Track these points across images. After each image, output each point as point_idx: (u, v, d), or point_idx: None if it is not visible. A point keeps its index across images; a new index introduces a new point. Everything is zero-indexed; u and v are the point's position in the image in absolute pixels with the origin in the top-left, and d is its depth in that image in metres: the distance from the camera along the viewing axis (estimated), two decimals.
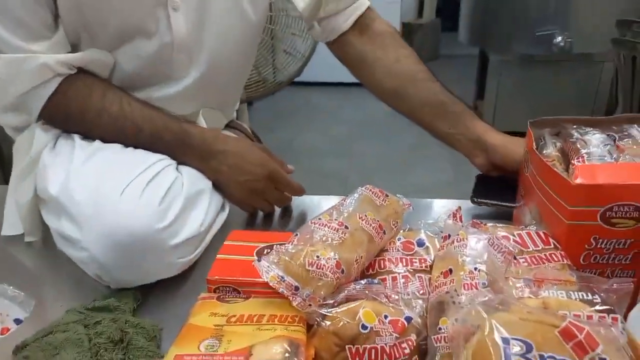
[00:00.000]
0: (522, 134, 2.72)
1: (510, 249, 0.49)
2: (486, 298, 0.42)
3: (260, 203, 0.78)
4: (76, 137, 0.72)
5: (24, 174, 0.73)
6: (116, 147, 0.71)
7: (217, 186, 0.75)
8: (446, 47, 4.54)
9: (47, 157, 0.70)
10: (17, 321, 0.55)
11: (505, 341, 0.38)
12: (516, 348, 0.37)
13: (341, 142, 2.97)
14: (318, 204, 0.86)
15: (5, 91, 0.68)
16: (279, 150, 1.05)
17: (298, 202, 0.86)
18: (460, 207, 0.57)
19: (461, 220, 0.56)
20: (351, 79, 0.90)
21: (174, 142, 0.72)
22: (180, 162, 0.73)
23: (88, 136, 0.72)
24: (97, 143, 0.71)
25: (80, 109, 0.71)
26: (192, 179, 0.70)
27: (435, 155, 2.79)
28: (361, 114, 3.38)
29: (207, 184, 0.73)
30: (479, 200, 0.79)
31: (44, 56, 0.67)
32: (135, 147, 0.72)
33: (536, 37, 2.59)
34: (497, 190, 0.79)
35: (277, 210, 0.83)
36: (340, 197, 0.85)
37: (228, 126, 0.96)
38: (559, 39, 2.52)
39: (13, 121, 0.75)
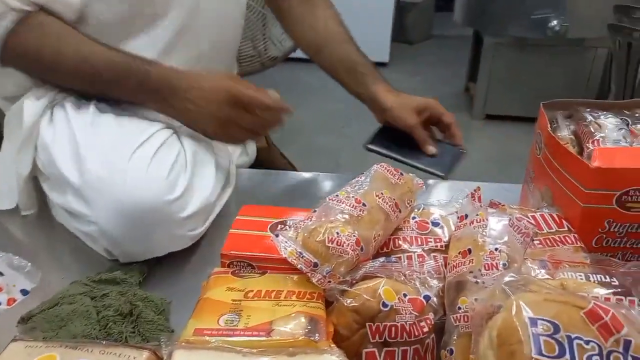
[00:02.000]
0: (514, 118, 2.74)
1: (530, 230, 0.49)
2: (511, 278, 0.42)
3: (238, 132, 0.71)
4: (68, 107, 0.69)
5: (21, 147, 0.70)
6: (112, 116, 0.68)
7: (191, 126, 0.71)
8: (439, 27, 4.50)
9: (46, 133, 0.68)
10: (24, 292, 0.54)
11: (533, 321, 0.38)
12: (543, 328, 0.38)
13: (334, 121, 2.95)
14: (314, 180, 0.86)
15: None
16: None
17: (296, 179, 0.86)
18: (479, 187, 0.57)
19: (480, 201, 0.56)
20: None
21: (136, 88, 0.68)
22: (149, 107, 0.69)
23: (49, 82, 0.70)
24: (92, 109, 0.68)
25: (36, 51, 0.66)
26: (195, 150, 0.69)
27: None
28: None
29: (210, 153, 0.72)
30: (370, 147, 0.85)
31: None
32: (96, 94, 0.69)
33: (531, 20, 2.58)
34: (395, 143, 0.86)
35: (276, 185, 0.83)
36: (332, 174, 0.87)
37: None
38: (555, 22, 2.51)
39: None
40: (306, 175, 0.88)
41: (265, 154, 0.98)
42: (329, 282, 0.47)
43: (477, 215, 0.52)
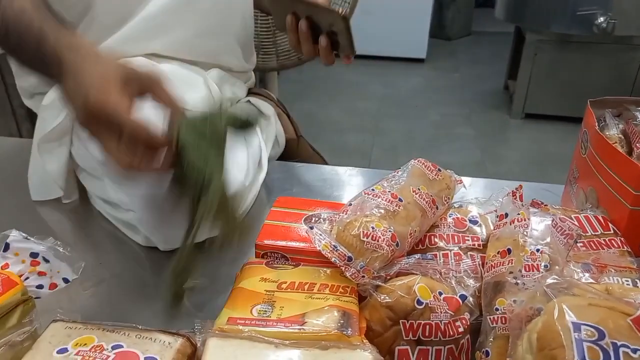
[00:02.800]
0: (554, 117, 2.65)
1: (574, 232, 0.47)
2: (554, 281, 0.40)
3: (113, 150, 0.51)
4: None
5: (56, 139, 0.71)
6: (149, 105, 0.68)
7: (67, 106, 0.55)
8: (479, 23, 4.41)
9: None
10: (65, 280, 0.55)
11: (576, 326, 0.36)
12: (587, 334, 0.36)
13: (366, 117, 2.93)
14: (347, 174, 0.85)
15: None
16: (303, 123, 1.03)
17: (328, 172, 0.86)
18: (521, 186, 0.55)
19: (521, 200, 0.54)
20: (379, 52, 0.88)
21: (35, 57, 0.55)
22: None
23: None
24: None
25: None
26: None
27: (461, 134, 2.75)
28: (387, 89, 3.33)
29: (242, 139, 0.71)
30: None
31: None
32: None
33: (576, 17, 2.49)
34: None
35: (308, 177, 0.83)
36: (365, 169, 0.86)
37: (251, 92, 0.94)
38: (601, 19, 2.42)
39: None
40: (339, 169, 0.87)
41: (294, 146, 0.98)
42: (363, 276, 0.47)
43: (518, 214, 0.50)
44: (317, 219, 0.56)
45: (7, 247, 0.54)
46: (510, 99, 2.95)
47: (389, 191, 0.53)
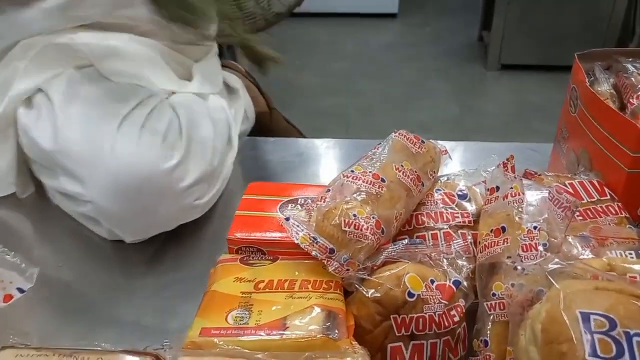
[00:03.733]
0: (531, 67, 2.60)
1: (572, 204, 0.43)
2: (557, 266, 0.36)
3: None
4: (54, 93, 0.63)
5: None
6: (92, 86, 0.62)
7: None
8: None
9: (24, 117, 0.62)
10: (20, 290, 0.50)
11: (585, 316, 0.33)
12: (597, 324, 0.33)
13: (339, 79, 2.85)
14: (325, 147, 0.80)
15: None
16: (274, 89, 0.96)
17: (305, 147, 0.81)
18: (512, 156, 0.51)
19: (513, 171, 0.50)
20: (348, 9, 0.81)
21: None
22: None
23: None
24: (66, 80, 0.62)
25: None
26: (189, 114, 0.64)
27: (438, 90, 2.70)
28: (359, 48, 3.23)
29: (206, 117, 0.66)
30: None
31: None
32: None
33: None
34: None
35: (282, 154, 0.77)
36: (344, 139, 0.81)
37: (222, 66, 0.87)
38: None
39: None
40: (315, 141, 0.82)
41: (267, 119, 0.92)
42: (347, 270, 0.42)
43: (511, 188, 0.46)
44: (294, 205, 0.52)
45: None
46: (485, 50, 2.89)
47: (370, 171, 0.48)
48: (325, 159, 0.79)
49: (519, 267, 0.39)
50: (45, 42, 0.64)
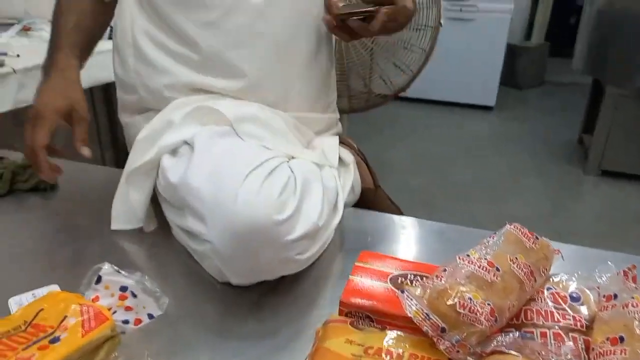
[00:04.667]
0: (632, 176, 2.49)
1: None
2: None
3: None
4: (196, 142, 0.71)
5: (144, 172, 0.75)
6: (229, 142, 0.70)
7: None
8: (553, 73, 4.30)
9: (167, 161, 0.72)
10: (150, 316, 0.56)
11: None
12: None
13: (431, 161, 2.89)
14: (429, 230, 0.82)
15: None
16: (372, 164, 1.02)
17: (404, 225, 0.83)
18: (634, 266, 0.50)
19: (634, 282, 0.49)
20: (448, 97, 0.85)
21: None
22: None
23: None
24: (207, 134, 0.71)
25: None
26: (304, 176, 0.69)
27: (530, 184, 2.64)
28: (453, 134, 3.28)
29: (319, 181, 0.72)
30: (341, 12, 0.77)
31: None
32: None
33: None
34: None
35: (385, 229, 0.80)
36: (448, 225, 0.82)
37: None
38: None
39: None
40: (417, 221, 0.85)
41: (371, 195, 0.97)
42: (458, 351, 0.44)
43: (632, 298, 0.46)
44: (404, 279, 0.54)
45: (99, 280, 0.56)
46: (585, 153, 2.82)
47: (485, 258, 0.50)
48: (425, 239, 0.81)
49: None
50: (198, 103, 0.75)
